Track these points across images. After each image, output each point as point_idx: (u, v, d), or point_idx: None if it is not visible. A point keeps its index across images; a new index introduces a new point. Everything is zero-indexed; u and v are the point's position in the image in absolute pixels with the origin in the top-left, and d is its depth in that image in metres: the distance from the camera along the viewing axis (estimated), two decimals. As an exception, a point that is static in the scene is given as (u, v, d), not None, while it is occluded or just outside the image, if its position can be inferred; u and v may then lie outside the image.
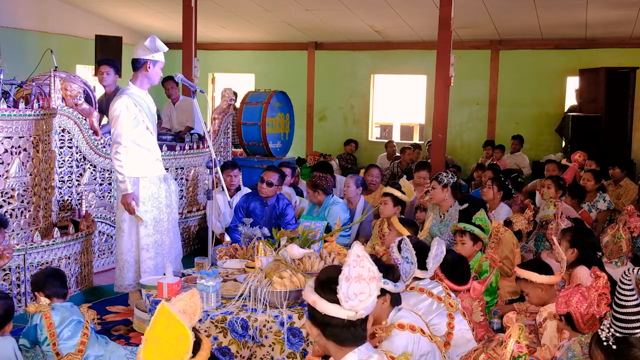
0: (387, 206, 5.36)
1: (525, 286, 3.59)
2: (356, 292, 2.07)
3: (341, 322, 2.10)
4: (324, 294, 2.12)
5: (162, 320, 1.87)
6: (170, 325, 1.86)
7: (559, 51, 10.71)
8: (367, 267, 2.10)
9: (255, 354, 3.42)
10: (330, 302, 2.10)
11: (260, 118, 9.04)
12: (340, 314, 2.09)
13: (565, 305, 2.94)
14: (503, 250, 4.81)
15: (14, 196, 4.85)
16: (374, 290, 2.11)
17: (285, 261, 3.70)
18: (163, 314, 1.87)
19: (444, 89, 7.02)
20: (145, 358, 1.85)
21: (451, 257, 3.81)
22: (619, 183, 7.32)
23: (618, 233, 4.65)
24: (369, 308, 2.12)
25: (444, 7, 6.94)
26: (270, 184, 5.74)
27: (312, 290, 2.17)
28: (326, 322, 2.13)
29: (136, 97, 4.55)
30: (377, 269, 2.14)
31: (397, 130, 14.35)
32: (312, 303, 2.14)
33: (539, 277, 3.50)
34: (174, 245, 4.82)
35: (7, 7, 9.27)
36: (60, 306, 3.43)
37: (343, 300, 2.06)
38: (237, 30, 11.70)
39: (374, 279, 2.11)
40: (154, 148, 4.70)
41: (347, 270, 2.07)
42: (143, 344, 1.87)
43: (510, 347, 2.27)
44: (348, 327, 2.11)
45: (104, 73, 6.62)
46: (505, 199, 6.19)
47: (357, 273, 2.07)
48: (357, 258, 2.09)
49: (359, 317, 2.11)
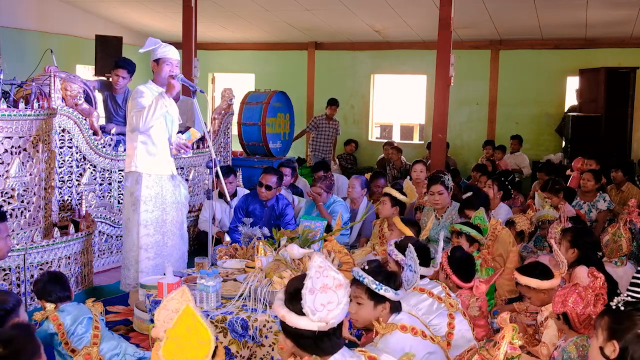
0: (386, 206, 5.36)
1: (527, 291, 3.57)
2: (323, 303, 2.05)
3: (313, 334, 2.09)
4: (293, 307, 2.10)
5: (185, 321, 1.87)
6: (193, 328, 1.86)
7: (559, 51, 10.71)
8: (331, 276, 2.08)
9: (255, 354, 3.42)
10: (300, 314, 2.08)
11: (260, 118, 9.04)
12: (311, 326, 2.07)
13: (561, 305, 2.94)
14: (498, 247, 4.81)
15: (14, 196, 4.85)
16: (343, 297, 2.10)
17: (285, 261, 3.70)
18: (187, 315, 1.87)
19: (444, 89, 7.01)
20: (164, 355, 1.85)
21: (460, 253, 3.94)
22: (621, 188, 7.28)
23: (618, 232, 4.65)
24: (339, 316, 2.11)
25: (444, 7, 6.94)
26: (269, 188, 5.74)
27: (281, 304, 2.14)
28: (299, 335, 2.11)
29: (154, 92, 4.55)
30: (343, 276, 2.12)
31: (397, 130, 14.35)
32: (282, 317, 2.12)
33: (539, 282, 3.49)
34: (177, 247, 4.79)
35: (7, 7, 9.27)
36: (68, 306, 3.44)
37: (310, 313, 2.04)
38: (237, 30, 11.70)
39: (340, 286, 2.10)
40: (165, 146, 4.66)
41: (309, 282, 2.04)
42: (164, 341, 1.86)
43: (503, 348, 2.27)
44: (321, 338, 2.10)
45: (120, 77, 6.60)
46: (505, 199, 6.20)
47: (322, 283, 2.06)
48: (319, 269, 2.07)
49: (330, 327, 2.10)
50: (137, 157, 4.54)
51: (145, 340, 4.09)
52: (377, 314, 2.87)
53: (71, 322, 3.35)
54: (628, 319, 2.20)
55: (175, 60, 4.60)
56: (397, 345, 2.72)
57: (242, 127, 9.25)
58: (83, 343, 3.31)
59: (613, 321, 2.23)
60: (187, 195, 4.88)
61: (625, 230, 4.65)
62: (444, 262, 3.83)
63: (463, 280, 3.80)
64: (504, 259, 4.80)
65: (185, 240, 4.93)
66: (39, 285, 3.52)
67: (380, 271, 2.91)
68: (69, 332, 3.33)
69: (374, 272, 2.89)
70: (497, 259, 4.77)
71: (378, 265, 3.04)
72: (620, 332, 2.18)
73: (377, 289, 2.83)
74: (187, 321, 1.87)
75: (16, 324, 2.42)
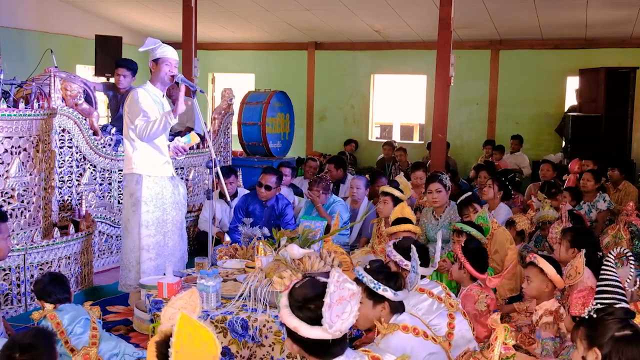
0: (387, 205, 5.36)
1: (535, 275, 3.57)
2: (338, 314, 2.05)
3: (325, 342, 2.08)
4: (304, 317, 2.08)
5: (185, 329, 1.85)
6: (194, 333, 1.85)
7: (559, 51, 10.70)
8: (346, 287, 2.09)
9: (255, 354, 3.42)
10: (312, 324, 2.06)
11: (260, 118, 9.05)
12: (325, 336, 2.06)
13: (582, 307, 2.91)
14: (494, 244, 4.81)
15: (14, 196, 4.84)
16: (355, 305, 2.10)
17: (285, 261, 3.69)
18: (184, 322, 1.86)
19: (444, 89, 7.01)
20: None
21: (474, 245, 4.05)
22: (618, 187, 7.28)
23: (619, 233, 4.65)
24: (352, 323, 2.11)
25: (444, 7, 6.93)
26: (269, 188, 5.74)
27: (289, 313, 2.11)
28: (310, 343, 2.10)
29: (152, 95, 4.56)
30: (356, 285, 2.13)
31: (397, 130, 14.36)
32: (294, 329, 2.09)
33: (553, 271, 3.51)
34: (178, 247, 4.78)
35: (7, 7, 9.27)
36: (66, 306, 3.44)
37: (328, 327, 2.03)
38: (237, 30, 11.70)
39: (354, 295, 2.10)
40: (163, 149, 4.67)
41: (329, 299, 2.04)
42: (171, 356, 1.85)
43: (497, 349, 2.27)
44: (333, 345, 2.11)
45: (121, 76, 6.61)
46: (505, 199, 6.20)
47: (339, 296, 2.06)
48: (337, 284, 2.07)
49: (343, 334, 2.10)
50: (137, 159, 4.54)
51: (145, 340, 4.09)
52: (377, 314, 2.87)
53: (69, 321, 3.35)
54: (602, 324, 2.29)
55: (174, 60, 4.60)
56: (398, 345, 2.73)
57: (242, 127, 9.26)
58: (81, 343, 3.31)
59: (589, 329, 2.31)
60: (185, 195, 4.88)
61: (625, 232, 4.65)
62: (458, 252, 3.89)
63: (477, 271, 3.85)
64: (501, 257, 4.80)
65: (185, 240, 4.93)
66: (40, 286, 3.52)
67: (382, 271, 2.91)
68: (66, 332, 3.33)
69: (375, 271, 2.89)
70: (493, 257, 4.77)
71: (380, 266, 3.04)
72: (598, 338, 2.25)
73: (375, 288, 2.83)
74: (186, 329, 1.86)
75: (38, 331, 2.43)
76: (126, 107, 4.56)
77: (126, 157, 4.65)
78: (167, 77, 4.57)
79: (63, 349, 3.30)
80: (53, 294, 3.45)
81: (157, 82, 4.61)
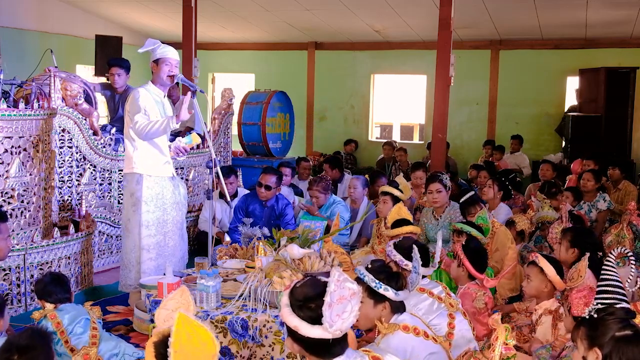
0: (387, 205, 5.36)
1: (535, 274, 3.60)
2: (339, 313, 2.05)
3: (326, 341, 2.08)
4: (305, 316, 2.08)
5: (183, 329, 1.86)
6: (193, 333, 1.86)
7: (559, 51, 10.70)
8: (347, 287, 2.08)
9: (255, 354, 3.42)
10: (313, 323, 2.06)
11: (260, 118, 9.05)
12: (325, 335, 2.06)
13: (584, 307, 2.91)
14: (496, 243, 4.81)
15: (14, 196, 4.85)
16: (356, 305, 2.10)
17: (285, 261, 3.69)
18: (182, 321, 1.86)
19: (444, 89, 7.01)
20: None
21: (474, 244, 4.06)
22: (618, 186, 7.29)
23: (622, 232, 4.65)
24: (352, 322, 2.11)
25: (444, 7, 6.93)
26: (269, 188, 5.74)
27: (290, 312, 2.11)
28: (310, 342, 2.10)
29: (153, 95, 4.56)
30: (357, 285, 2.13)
31: (397, 130, 14.36)
32: (295, 328, 2.09)
33: (553, 272, 3.53)
34: (178, 247, 4.78)
35: (7, 7, 9.27)
36: (67, 306, 3.45)
37: (328, 327, 2.03)
38: (237, 30, 11.70)
39: (354, 294, 2.10)
40: (164, 149, 4.67)
41: (329, 298, 2.04)
42: (170, 356, 1.85)
43: (497, 349, 2.27)
44: (333, 344, 2.10)
45: (115, 75, 6.61)
46: (505, 199, 6.20)
47: (339, 295, 2.06)
48: (337, 283, 2.07)
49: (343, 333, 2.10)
50: (138, 159, 4.54)
51: (145, 340, 4.08)
52: (378, 314, 2.87)
53: (69, 321, 3.35)
54: (602, 324, 2.29)
55: (174, 60, 4.60)
56: (399, 345, 2.73)
57: (242, 127, 9.26)
58: (81, 343, 3.31)
59: (589, 330, 2.32)
60: (186, 195, 4.88)
61: (628, 231, 4.65)
62: (458, 250, 3.90)
63: (475, 270, 3.86)
64: (502, 256, 4.80)
65: (185, 240, 4.93)
66: (40, 286, 3.52)
67: (383, 271, 2.92)
68: (66, 332, 3.33)
69: (377, 271, 2.89)
70: (494, 256, 4.77)
71: (382, 265, 3.04)
72: (598, 338, 2.25)
73: (376, 287, 2.83)
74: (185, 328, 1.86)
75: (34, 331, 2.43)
76: (127, 106, 4.57)
77: (126, 156, 4.65)
78: (167, 78, 4.58)
79: (63, 348, 3.30)
80: (54, 293, 3.45)
81: (158, 83, 4.61)
